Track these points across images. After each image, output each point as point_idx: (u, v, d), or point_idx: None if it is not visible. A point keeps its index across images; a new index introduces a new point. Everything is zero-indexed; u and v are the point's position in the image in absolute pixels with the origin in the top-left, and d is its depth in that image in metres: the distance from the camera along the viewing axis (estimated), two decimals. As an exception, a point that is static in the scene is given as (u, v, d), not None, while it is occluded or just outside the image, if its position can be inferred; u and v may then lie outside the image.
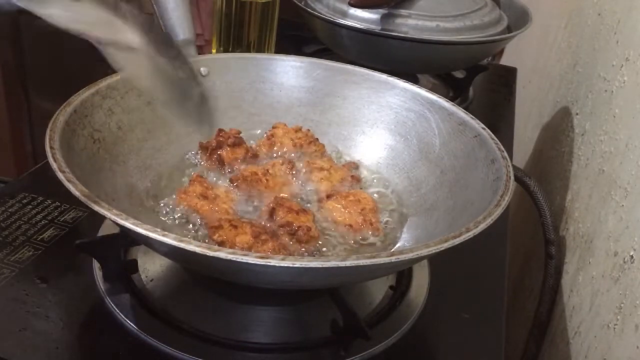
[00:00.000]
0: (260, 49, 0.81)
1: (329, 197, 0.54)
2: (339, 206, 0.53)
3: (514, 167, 0.52)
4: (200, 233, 0.50)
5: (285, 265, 0.34)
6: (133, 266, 0.51)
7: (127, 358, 0.45)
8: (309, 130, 0.62)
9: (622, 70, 0.64)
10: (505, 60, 1.34)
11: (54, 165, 0.41)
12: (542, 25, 1.16)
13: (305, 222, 0.49)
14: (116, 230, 0.51)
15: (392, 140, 0.61)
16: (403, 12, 0.83)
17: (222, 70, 0.63)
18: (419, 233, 0.52)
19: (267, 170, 0.56)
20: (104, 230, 0.55)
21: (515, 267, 0.95)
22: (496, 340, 0.51)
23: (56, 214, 0.58)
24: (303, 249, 0.49)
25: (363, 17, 0.85)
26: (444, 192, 0.53)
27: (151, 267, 0.52)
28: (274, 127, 0.62)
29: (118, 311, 0.47)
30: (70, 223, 0.57)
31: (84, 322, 0.47)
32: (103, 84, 0.54)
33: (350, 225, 0.52)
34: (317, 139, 0.62)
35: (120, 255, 0.52)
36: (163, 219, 0.51)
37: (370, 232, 0.52)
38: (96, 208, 0.37)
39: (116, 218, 0.37)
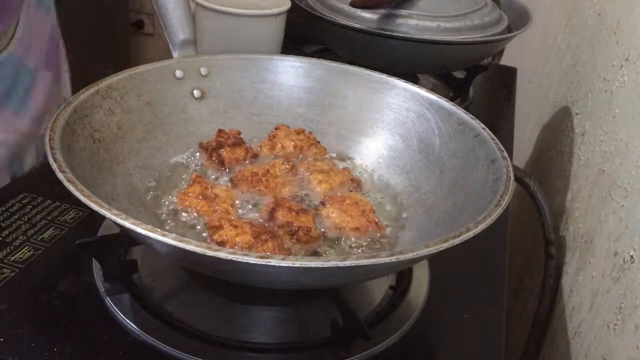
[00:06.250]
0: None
1: (325, 202, 0.54)
2: (339, 210, 0.52)
3: (514, 167, 0.52)
4: (200, 233, 0.50)
5: (285, 265, 0.34)
6: (133, 266, 0.51)
7: (127, 358, 0.45)
8: (310, 132, 0.62)
9: (622, 70, 0.64)
10: (505, 60, 1.34)
11: (54, 165, 0.41)
12: (542, 25, 1.16)
13: (305, 223, 0.49)
14: (116, 230, 0.51)
15: (392, 140, 0.61)
16: (403, 12, 0.83)
17: (222, 70, 0.63)
18: (419, 233, 0.52)
19: (267, 171, 0.56)
20: (104, 230, 0.56)
21: (515, 267, 0.95)
22: (496, 340, 0.51)
23: (56, 214, 0.58)
24: (303, 249, 0.49)
25: (363, 17, 0.85)
26: (444, 192, 0.53)
27: (151, 267, 0.52)
28: (276, 129, 0.62)
29: (118, 311, 0.47)
30: (70, 223, 0.57)
31: (84, 322, 0.47)
32: (103, 84, 0.54)
33: (357, 228, 0.51)
34: (318, 141, 0.62)
35: (120, 255, 0.52)
36: (163, 218, 0.51)
37: (377, 233, 0.52)
38: (96, 208, 0.37)
39: (116, 218, 0.37)
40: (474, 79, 0.96)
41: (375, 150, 0.62)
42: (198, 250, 0.35)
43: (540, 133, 1.02)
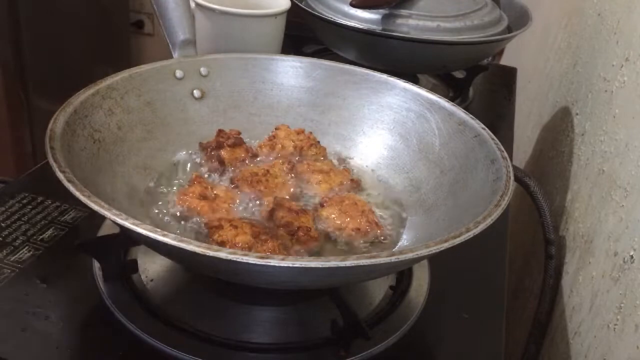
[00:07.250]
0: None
1: (325, 202, 0.54)
2: (339, 211, 0.52)
3: (514, 167, 0.52)
4: (200, 233, 0.50)
5: (285, 265, 0.34)
6: (133, 266, 0.51)
7: (127, 358, 0.45)
8: (311, 133, 0.62)
9: (622, 70, 0.64)
10: (505, 60, 1.34)
11: (54, 165, 0.41)
12: (542, 25, 1.16)
13: (305, 223, 0.49)
14: (116, 230, 0.51)
15: (392, 140, 0.61)
16: (404, 12, 0.83)
17: (222, 70, 0.63)
18: (419, 233, 0.52)
19: (267, 171, 0.56)
20: (104, 230, 0.56)
21: (515, 267, 0.95)
22: (496, 340, 0.51)
23: (56, 214, 0.58)
24: (303, 249, 0.49)
25: (363, 17, 0.85)
26: (444, 192, 0.53)
27: (151, 267, 0.52)
28: (276, 129, 0.62)
29: (118, 311, 0.47)
30: (70, 223, 0.57)
31: (84, 322, 0.47)
32: (103, 84, 0.54)
33: (357, 229, 0.51)
34: (318, 141, 0.62)
35: (120, 255, 0.52)
36: (163, 219, 0.51)
37: (376, 233, 0.52)
38: (96, 208, 0.37)
39: (116, 218, 0.37)
40: (474, 79, 0.96)
41: (375, 150, 0.62)
42: (198, 250, 0.35)
43: (540, 133, 1.02)
